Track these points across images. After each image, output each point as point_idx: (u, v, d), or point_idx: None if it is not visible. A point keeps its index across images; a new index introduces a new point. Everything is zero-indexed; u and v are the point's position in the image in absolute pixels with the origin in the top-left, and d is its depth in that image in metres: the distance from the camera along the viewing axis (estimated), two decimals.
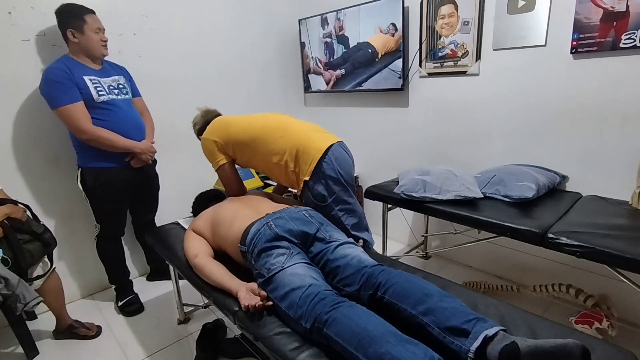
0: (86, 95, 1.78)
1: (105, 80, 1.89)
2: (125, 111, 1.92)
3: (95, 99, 1.80)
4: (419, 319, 1.01)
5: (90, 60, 1.86)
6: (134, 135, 1.94)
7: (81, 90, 1.77)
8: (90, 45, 1.82)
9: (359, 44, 2.58)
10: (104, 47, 1.88)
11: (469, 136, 2.22)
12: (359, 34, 2.56)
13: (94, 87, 1.81)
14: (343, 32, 2.65)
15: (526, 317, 1.09)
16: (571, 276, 1.91)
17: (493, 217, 1.62)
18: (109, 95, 1.86)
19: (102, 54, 1.89)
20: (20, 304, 1.47)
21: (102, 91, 1.83)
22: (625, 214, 1.54)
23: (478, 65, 2.07)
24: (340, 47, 2.71)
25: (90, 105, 1.80)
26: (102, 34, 1.86)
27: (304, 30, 2.92)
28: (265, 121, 1.69)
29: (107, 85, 1.88)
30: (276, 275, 1.18)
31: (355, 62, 2.65)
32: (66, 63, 1.78)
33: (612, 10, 1.58)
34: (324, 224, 1.40)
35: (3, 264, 1.50)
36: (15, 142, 1.93)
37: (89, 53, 1.84)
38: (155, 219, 2.31)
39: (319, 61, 2.90)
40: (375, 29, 2.44)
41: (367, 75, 2.61)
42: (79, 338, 1.90)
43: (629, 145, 1.66)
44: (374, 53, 2.51)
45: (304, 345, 1.05)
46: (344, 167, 1.58)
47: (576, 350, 0.83)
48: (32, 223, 1.70)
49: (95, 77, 1.84)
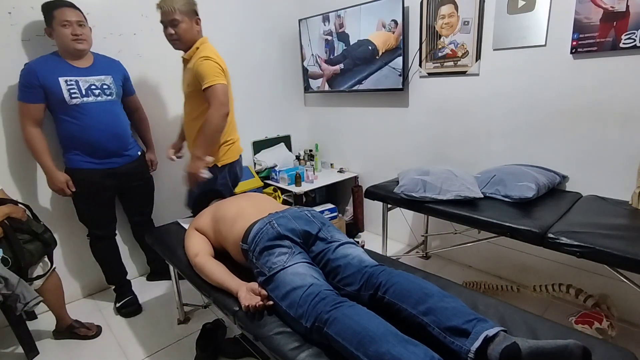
0: (57, 97, 1.76)
1: (88, 79, 1.84)
2: (99, 117, 1.87)
3: (68, 101, 1.78)
4: (419, 319, 1.01)
5: (72, 58, 1.82)
6: (106, 143, 1.90)
7: (51, 92, 1.75)
8: (61, 41, 1.76)
9: (360, 41, 2.57)
10: (76, 42, 1.76)
11: (469, 136, 2.22)
12: (359, 31, 2.55)
13: (67, 89, 1.78)
14: (343, 30, 2.64)
15: (526, 317, 1.09)
16: (571, 276, 1.92)
17: (493, 217, 1.62)
18: (84, 98, 1.82)
19: (75, 49, 1.78)
20: (20, 304, 1.47)
21: (75, 93, 1.80)
22: (625, 214, 1.54)
23: (478, 65, 2.07)
24: (340, 44, 2.70)
25: (63, 107, 1.80)
26: (74, 27, 1.74)
27: (304, 28, 2.90)
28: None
29: (88, 85, 1.84)
30: (277, 274, 1.18)
31: (355, 59, 2.64)
32: (46, 62, 1.78)
33: (612, 10, 1.58)
34: (325, 224, 1.40)
35: (3, 263, 1.50)
36: (15, 142, 1.93)
37: (63, 49, 1.80)
38: (152, 219, 2.30)
39: (319, 58, 2.88)
40: (378, 23, 2.41)
41: (367, 73, 2.59)
42: (79, 338, 1.90)
43: (629, 145, 1.66)
44: (375, 50, 2.49)
45: (304, 344, 1.05)
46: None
47: (577, 351, 0.83)
48: (32, 223, 1.70)
49: (74, 77, 1.81)
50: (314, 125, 3.28)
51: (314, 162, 3.04)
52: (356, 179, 3.00)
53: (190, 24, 1.75)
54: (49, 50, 1.88)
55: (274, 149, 3.05)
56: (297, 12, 3.00)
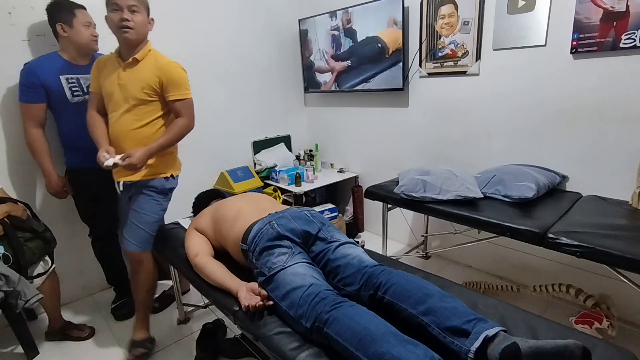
0: (59, 95, 1.79)
1: (89, 77, 1.79)
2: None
3: (70, 99, 1.81)
4: (419, 319, 1.01)
5: (78, 57, 1.85)
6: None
7: (52, 91, 1.77)
8: (80, 39, 1.80)
9: (368, 38, 2.51)
10: (94, 42, 1.85)
11: (469, 136, 2.22)
12: (367, 28, 2.49)
13: (69, 87, 1.80)
14: (351, 26, 2.58)
15: (526, 317, 1.09)
16: (571, 276, 1.91)
17: (493, 217, 1.62)
18: (86, 96, 1.82)
19: (93, 49, 1.87)
20: (21, 301, 1.47)
21: (78, 91, 1.82)
22: (625, 214, 1.54)
23: (478, 65, 2.07)
24: (347, 40, 2.64)
25: (65, 106, 1.82)
26: (92, 28, 1.83)
27: (311, 23, 2.85)
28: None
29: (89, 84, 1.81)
30: (277, 274, 1.18)
31: (362, 57, 2.58)
32: (46, 62, 1.78)
33: (612, 10, 1.58)
34: (325, 224, 1.40)
35: (4, 261, 1.50)
36: (15, 142, 1.93)
37: (78, 48, 1.82)
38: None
39: (326, 53, 2.84)
40: (389, 20, 2.33)
41: (374, 72, 2.53)
42: (71, 339, 1.89)
43: (629, 145, 1.66)
44: (384, 48, 2.43)
45: (304, 344, 1.05)
46: None
47: (577, 351, 0.83)
48: (33, 221, 1.70)
49: (75, 76, 1.83)
50: (314, 125, 3.28)
51: (314, 162, 3.04)
52: (356, 179, 3.00)
53: (146, 20, 1.60)
54: (49, 50, 1.88)
55: (274, 149, 3.05)
56: (297, 12, 3.00)
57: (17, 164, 1.96)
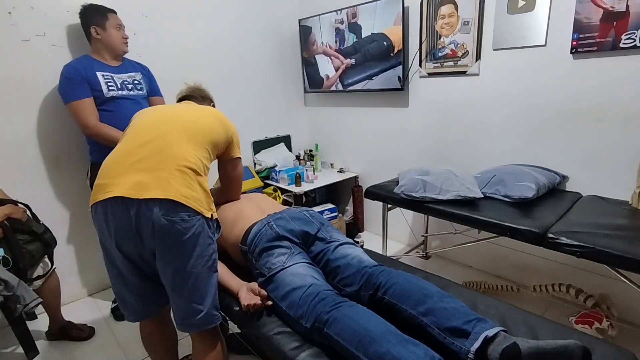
0: (97, 89, 1.84)
1: (121, 76, 1.94)
2: (133, 107, 1.91)
3: (105, 93, 1.86)
4: (419, 319, 1.01)
5: (110, 58, 1.93)
6: None
7: (93, 85, 1.83)
8: (112, 41, 1.89)
9: (373, 35, 2.47)
10: (124, 44, 1.95)
11: (469, 136, 2.22)
12: (373, 23, 2.44)
13: (105, 82, 1.87)
14: (356, 20, 2.53)
15: (526, 317, 1.09)
16: (571, 276, 1.91)
17: (493, 217, 1.62)
18: (120, 91, 1.91)
19: (123, 51, 1.95)
20: (20, 305, 1.47)
21: (112, 86, 1.89)
22: (625, 214, 1.54)
23: (478, 65, 2.07)
24: (351, 35, 2.60)
25: (100, 100, 1.86)
26: (122, 31, 1.93)
27: (315, 20, 2.80)
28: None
29: (122, 81, 1.93)
30: (277, 274, 1.18)
31: (367, 54, 2.54)
32: (81, 61, 1.85)
33: (612, 10, 1.58)
34: (324, 224, 1.40)
35: (3, 264, 1.50)
36: (15, 142, 1.93)
37: (110, 49, 1.90)
38: None
39: (329, 46, 2.80)
40: (397, 17, 2.29)
41: (379, 70, 2.50)
42: (71, 339, 1.89)
43: (629, 145, 1.66)
44: (390, 46, 2.39)
45: (304, 344, 1.05)
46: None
47: (577, 351, 0.83)
48: (32, 223, 1.70)
49: (109, 73, 1.90)
50: (314, 125, 3.28)
51: (314, 162, 3.04)
52: (356, 179, 3.00)
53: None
54: (49, 50, 1.88)
55: (274, 149, 3.05)
56: (297, 12, 3.00)
57: (17, 164, 1.96)
